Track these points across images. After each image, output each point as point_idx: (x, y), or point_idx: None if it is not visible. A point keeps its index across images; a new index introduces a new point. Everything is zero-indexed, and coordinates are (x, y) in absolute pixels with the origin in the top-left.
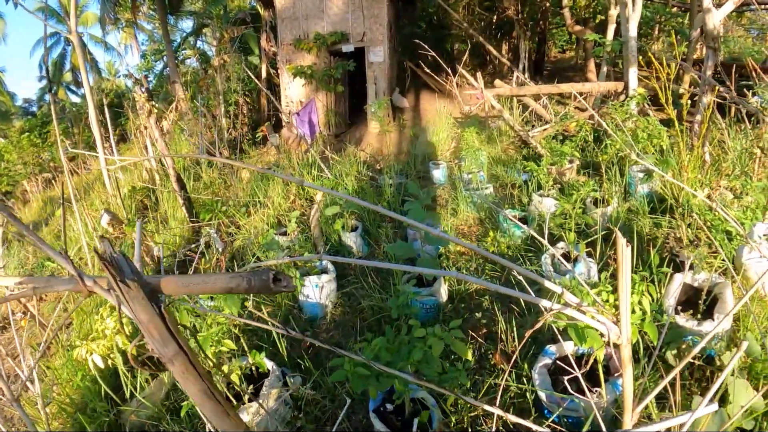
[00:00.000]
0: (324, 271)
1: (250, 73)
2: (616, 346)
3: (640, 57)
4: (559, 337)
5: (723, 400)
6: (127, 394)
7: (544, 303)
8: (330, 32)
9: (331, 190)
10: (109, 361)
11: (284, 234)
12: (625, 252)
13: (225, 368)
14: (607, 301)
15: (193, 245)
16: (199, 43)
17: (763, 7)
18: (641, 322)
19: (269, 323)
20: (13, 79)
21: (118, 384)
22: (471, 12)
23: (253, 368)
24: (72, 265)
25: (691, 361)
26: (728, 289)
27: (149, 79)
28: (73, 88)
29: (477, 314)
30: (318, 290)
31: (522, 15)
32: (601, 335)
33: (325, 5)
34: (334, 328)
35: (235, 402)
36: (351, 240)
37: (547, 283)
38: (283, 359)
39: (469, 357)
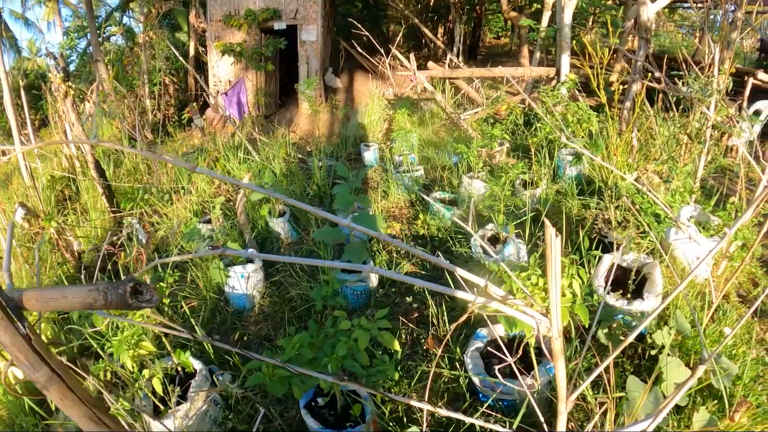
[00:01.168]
0: (250, 260)
1: (174, 51)
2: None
3: (574, 43)
4: (488, 321)
5: (657, 379)
6: (53, 407)
7: (465, 296)
8: (262, 8)
9: (233, 180)
10: None
11: (209, 222)
12: (554, 243)
13: (146, 373)
14: (537, 284)
15: (116, 237)
16: (126, 19)
17: (696, 5)
18: (572, 305)
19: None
20: None
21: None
22: None
23: (179, 369)
24: None
25: (622, 338)
26: (657, 269)
27: (72, 58)
28: None
29: (408, 298)
30: (244, 281)
31: None
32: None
33: None
34: (263, 319)
35: (162, 407)
36: (279, 226)
37: (469, 275)
38: (210, 357)
39: (397, 348)
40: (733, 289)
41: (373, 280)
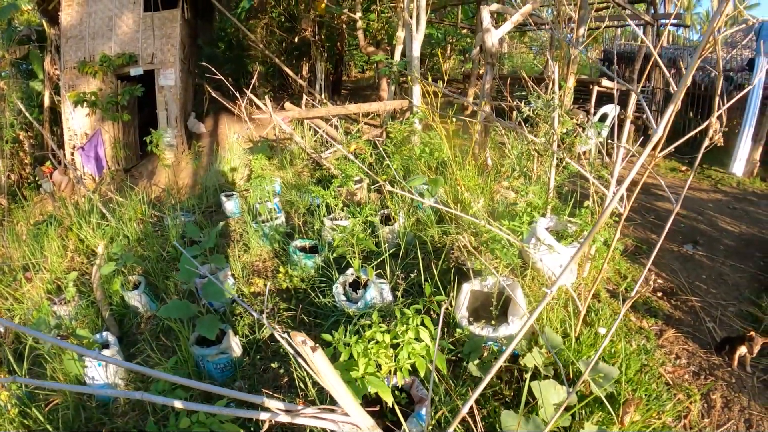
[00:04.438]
0: (105, 345)
1: (20, 105)
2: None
3: (434, 69)
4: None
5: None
6: None
7: (249, 414)
8: (118, 54)
9: None
10: None
11: (65, 301)
12: (318, 359)
13: None
14: (382, 341)
15: None
16: None
17: (538, 27)
18: (428, 353)
19: None
20: None
21: None
22: (270, 33)
23: None
24: None
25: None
26: (518, 290)
27: None
28: None
29: (274, 364)
30: (102, 369)
31: (319, 36)
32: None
33: (114, 23)
34: (130, 409)
35: None
36: (135, 299)
37: (246, 396)
38: None
39: None
40: (602, 286)
41: (236, 350)
